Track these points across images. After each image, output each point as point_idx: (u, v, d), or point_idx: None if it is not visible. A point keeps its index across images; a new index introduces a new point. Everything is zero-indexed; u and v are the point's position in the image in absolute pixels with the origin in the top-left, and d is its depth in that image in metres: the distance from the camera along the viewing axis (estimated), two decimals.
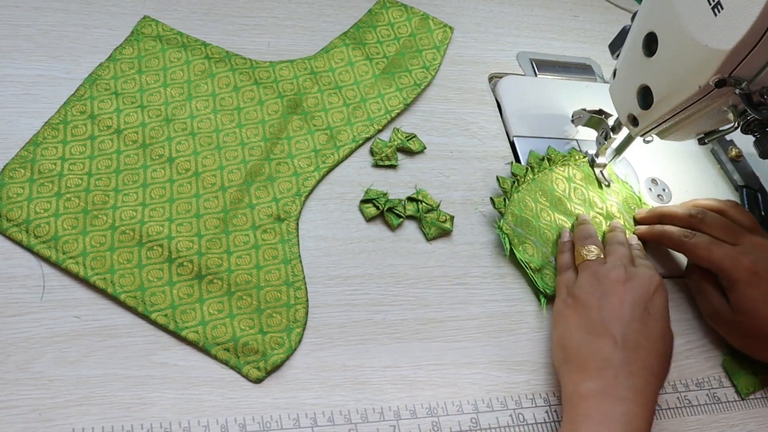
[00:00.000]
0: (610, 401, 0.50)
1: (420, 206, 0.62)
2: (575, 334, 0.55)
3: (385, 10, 0.74)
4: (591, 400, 0.50)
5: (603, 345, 0.53)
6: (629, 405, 0.50)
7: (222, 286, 0.54)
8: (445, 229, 0.62)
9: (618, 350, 0.52)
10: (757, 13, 0.45)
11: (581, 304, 0.56)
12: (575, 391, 0.52)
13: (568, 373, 0.53)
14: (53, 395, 0.47)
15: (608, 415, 0.49)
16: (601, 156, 0.69)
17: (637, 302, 0.55)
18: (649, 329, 0.54)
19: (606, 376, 0.51)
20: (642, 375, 0.51)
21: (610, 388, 0.50)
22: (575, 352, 0.54)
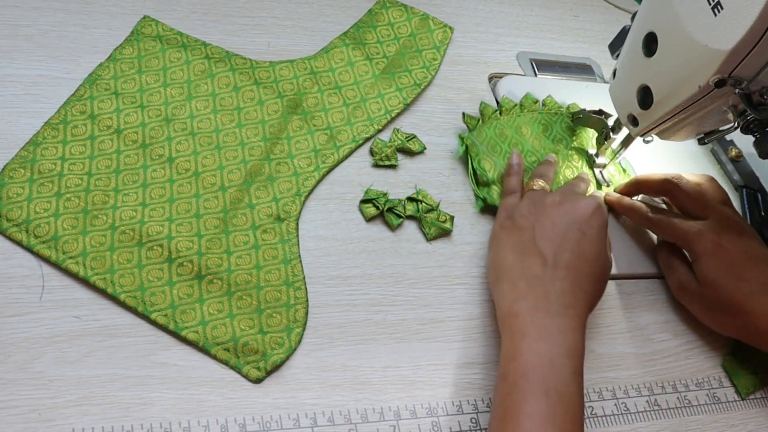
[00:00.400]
0: (543, 316, 0.51)
1: (420, 206, 0.62)
2: (508, 254, 0.56)
3: (385, 10, 0.74)
4: (525, 317, 0.52)
5: (533, 264, 0.54)
6: (562, 319, 0.51)
7: (222, 286, 0.54)
8: (445, 229, 0.62)
9: (548, 268, 0.54)
10: (757, 13, 0.45)
11: (516, 226, 0.58)
12: (509, 310, 0.53)
13: (502, 292, 0.55)
14: (53, 395, 0.47)
15: (544, 329, 0.50)
16: (601, 156, 0.69)
17: (570, 224, 0.56)
18: (582, 249, 0.55)
19: (537, 294, 0.53)
20: (572, 292, 0.53)
21: (542, 304, 0.52)
22: (507, 271, 0.55)
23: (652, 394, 0.59)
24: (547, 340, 0.50)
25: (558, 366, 0.49)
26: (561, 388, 0.48)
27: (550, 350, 0.49)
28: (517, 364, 0.49)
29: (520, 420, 0.47)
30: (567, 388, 0.48)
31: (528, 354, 0.49)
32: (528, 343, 0.50)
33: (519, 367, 0.49)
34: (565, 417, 0.47)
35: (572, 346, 0.50)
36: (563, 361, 0.49)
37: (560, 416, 0.47)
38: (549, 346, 0.50)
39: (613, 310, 0.63)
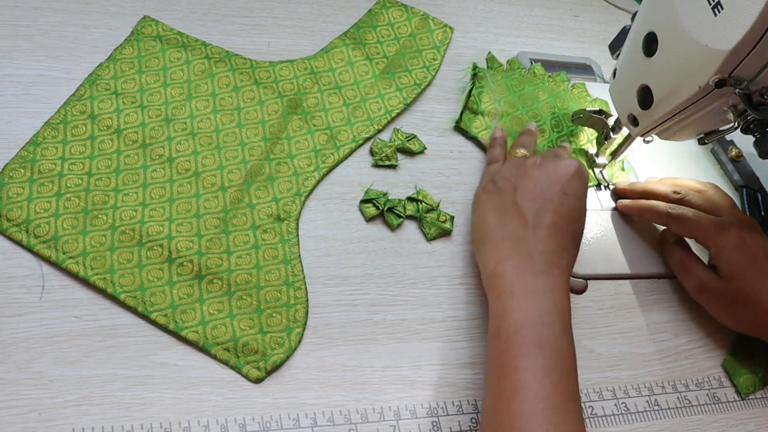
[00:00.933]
0: (529, 275, 0.52)
1: (420, 206, 0.62)
2: (490, 217, 0.57)
3: (385, 10, 0.74)
4: (510, 276, 0.52)
5: (516, 225, 0.55)
6: (547, 278, 0.52)
7: (222, 286, 0.54)
8: (445, 229, 0.62)
9: (530, 229, 0.54)
10: (757, 13, 0.45)
11: (498, 188, 0.59)
12: (494, 271, 0.53)
13: (486, 254, 0.56)
14: (53, 395, 0.47)
15: (530, 288, 0.51)
16: (601, 156, 0.69)
17: (551, 185, 0.56)
18: (564, 209, 0.55)
19: (521, 254, 0.53)
20: (556, 251, 0.53)
21: (526, 263, 0.53)
22: (490, 233, 0.56)
23: (652, 394, 0.59)
24: (535, 299, 0.50)
25: (548, 322, 0.49)
26: (553, 342, 0.48)
27: (539, 307, 0.50)
28: (508, 322, 0.50)
29: (518, 374, 0.47)
30: (558, 342, 0.49)
31: (517, 312, 0.50)
32: (516, 302, 0.50)
33: (510, 324, 0.49)
34: (561, 369, 0.48)
35: (559, 303, 0.51)
36: (552, 317, 0.50)
37: (556, 369, 0.47)
38: (537, 304, 0.50)
39: (613, 310, 0.63)
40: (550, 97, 0.72)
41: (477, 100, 0.69)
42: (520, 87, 0.71)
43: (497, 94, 0.69)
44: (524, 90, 0.71)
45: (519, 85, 0.72)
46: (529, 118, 0.70)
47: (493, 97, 0.69)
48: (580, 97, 0.73)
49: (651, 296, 0.65)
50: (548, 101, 0.72)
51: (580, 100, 0.73)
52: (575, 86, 0.74)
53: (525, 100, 0.71)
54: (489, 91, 0.70)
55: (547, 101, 0.72)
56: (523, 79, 0.72)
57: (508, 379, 0.47)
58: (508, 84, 0.71)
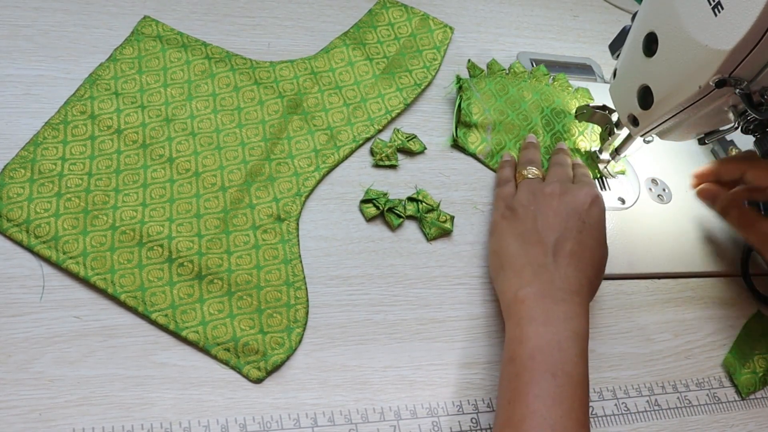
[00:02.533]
0: (549, 302, 0.52)
1: (420, 206, 0.62)
2: (511, 243, 0.57)
3: (385, 10, 0.74)
4: (531, 303, 0.52)
5: (537, 252, 0.55)
6: (568, 305, 0.52)
7: (222, 286, 0.54)
8: (445, 230, 0.62)
9: (551, 256, 0.55)
10: (757, 14, 0.45)
11: (518, 216, 0.59)
12: (515, 297, 0.54)
13: (506, 280, 0.56)
14: (53, 395, 0.47)
15: (549, 314, 0.51)
16: (605, 152, 0.69)
17: (570, 213, 0.57)
18: (583, 237, 0.56)
19: (542, 281, 0.53)
20: (577, 278, 0.54)
21: (547, 290, 0.53)
22: (511, 260, 0.56)
23: (652, 394, 0.59)
24: (554, 325, 0.51)
25: (565, 348, 0.49)
26: (568, 369, 0.48)
27: (557, 333, 0.50)
28: (524, 348, 0.50)
29: (528, 401, 0.47)
30: (574, 369, 0.49)
31: (535, 338, 0.50)
32: (535, 328, 0.51)
33: (526, 350, 0.50)
34: (573, 397, 0.48)
35: (578, 330, 0.51)
36: (570, 344, 0.50)
37: (568, 396, 0.47)
38: (556, 330, 0.50)
39: (613, 310, 0.63)
40: (534, 95, 0.72)
41: (468, 113, 0.68)
42: (504, 90, 0.71)
43: (485, 103, 0.69)
44: (509, 93, 0.71)
45: (503, 89, 0.71)
46: (520, 122, 0.70)
47: (482, 107, 0.69)
48: (563, 89, 0.73)
49: (651, 296, 0.65)
50: (534, 100, 0.72)
51: (563, 93, 0.73)
52: (556, 78, 0.74)
53: (512, 104, 0.71)
54: (477, 101, 0.69)
55: (533, 100, 0.72)
56: (505, 81, 0.72)
57: (518, 405, 0.47)
58: (492, 90, 0.71)
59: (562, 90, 0.73)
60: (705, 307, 0.66)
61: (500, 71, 0.72)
